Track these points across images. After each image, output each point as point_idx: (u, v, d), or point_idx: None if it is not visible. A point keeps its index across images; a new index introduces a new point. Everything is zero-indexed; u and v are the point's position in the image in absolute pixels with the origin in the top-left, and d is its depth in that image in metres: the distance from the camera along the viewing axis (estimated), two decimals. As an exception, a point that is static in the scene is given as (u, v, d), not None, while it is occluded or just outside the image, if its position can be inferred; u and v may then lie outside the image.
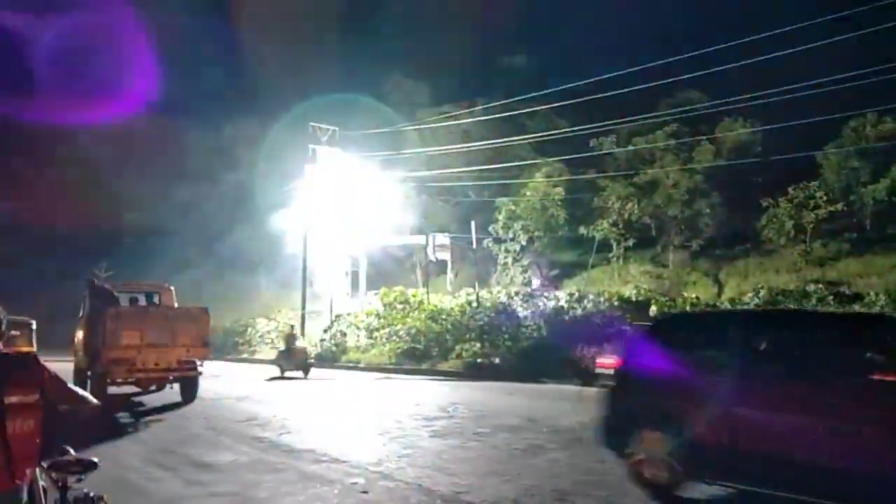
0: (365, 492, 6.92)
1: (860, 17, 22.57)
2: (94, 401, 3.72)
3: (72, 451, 3.45)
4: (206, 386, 14.12)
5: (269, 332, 34.23)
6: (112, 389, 13.45)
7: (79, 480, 3.35)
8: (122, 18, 53.01)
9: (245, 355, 33.44)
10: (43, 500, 3.42)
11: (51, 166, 53.18)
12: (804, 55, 23.70)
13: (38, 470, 3.35)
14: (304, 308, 32.50)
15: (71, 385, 3.62)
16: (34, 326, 15.37)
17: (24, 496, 3.21)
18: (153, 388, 14.42)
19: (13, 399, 3.13)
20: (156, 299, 16.12)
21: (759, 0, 39.81)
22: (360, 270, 34.90)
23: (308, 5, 51.50)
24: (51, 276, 49.63)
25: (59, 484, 3.32)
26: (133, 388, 14.18)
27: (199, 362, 13.85)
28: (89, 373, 13.91)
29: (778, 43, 24.84)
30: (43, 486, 3.43)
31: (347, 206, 33.33)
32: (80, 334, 15.22)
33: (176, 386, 14.26)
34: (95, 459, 3.40)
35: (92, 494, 3.46)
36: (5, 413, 3.09)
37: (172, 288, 16.46)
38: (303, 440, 9.77)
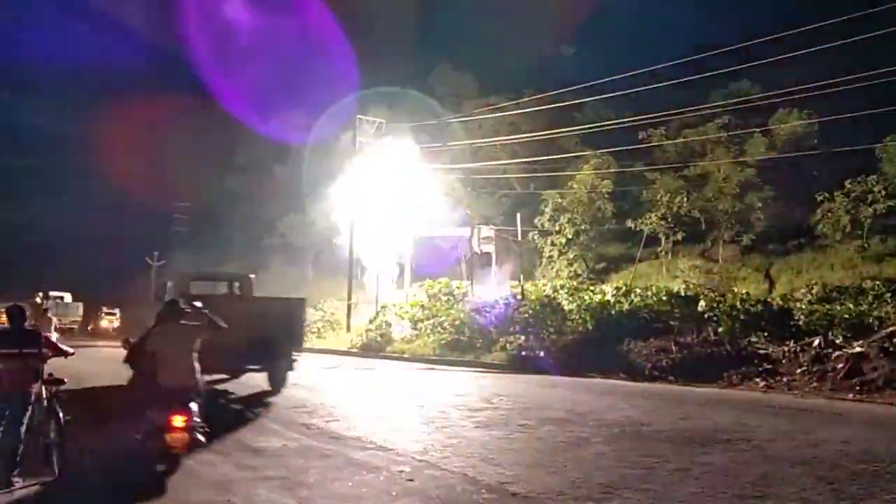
0: (411, 480, 7.00)
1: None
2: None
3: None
4: (255, 373, 14.39)
5: (315, 321, 34.69)
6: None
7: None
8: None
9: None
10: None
11: (102, 155, 54.75)
12: (864, 44, 22.94)
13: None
14: (349, 298, 32.91)
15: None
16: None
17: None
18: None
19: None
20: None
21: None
22: (405, 262, 35.10)
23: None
24: (110, 263, 51.29)
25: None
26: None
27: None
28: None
29: (836, 31, 24.10)
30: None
31: (393, 198, 33.54)
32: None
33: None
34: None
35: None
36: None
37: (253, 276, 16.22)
38: (350, 428, 9.91)
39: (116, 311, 48.60)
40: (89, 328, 48.12)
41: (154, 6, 57.39)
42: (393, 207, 33.61)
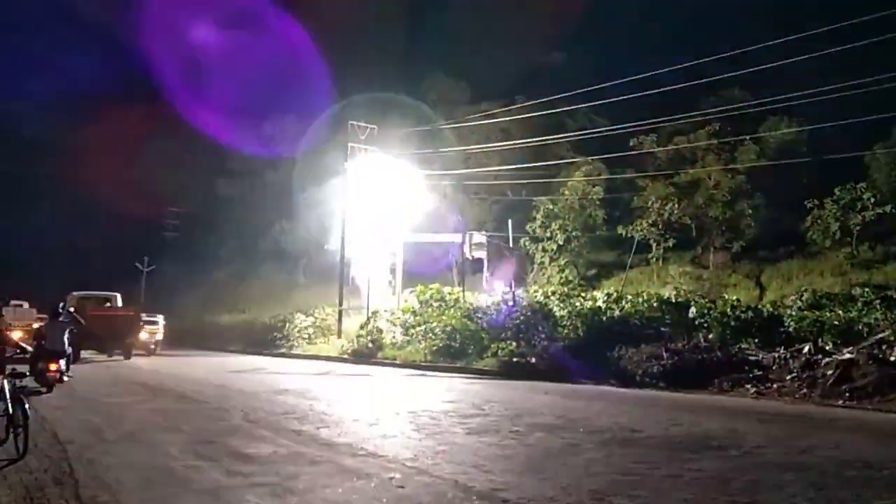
0: (402, 486, 6.96)
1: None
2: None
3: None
4: (246, 379, 14.34)
5: (306, 327, 34.61)
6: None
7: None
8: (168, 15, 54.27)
9: (283, 350, 33.86)
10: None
11: (93, 159, 54.44)
12: (852, 52, 23.12)
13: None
14: (340, 304, 32.84)
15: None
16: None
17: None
18: None
19: None
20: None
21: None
22: (396, 268, 35.06)
23: (347, 5, 51.88)
24: (97, 268, 50.89)
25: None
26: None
27: None
28: None
29: (825, 40, 24.30)
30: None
31: (385, 204, 33.52)
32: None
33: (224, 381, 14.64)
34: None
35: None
36: None
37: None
38: (340, 434, 9.86)
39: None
40: None
41: (140, 17, 57.12)
42: (385, 213, 33.59)
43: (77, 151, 55.51)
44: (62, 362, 14.43)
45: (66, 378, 14.63)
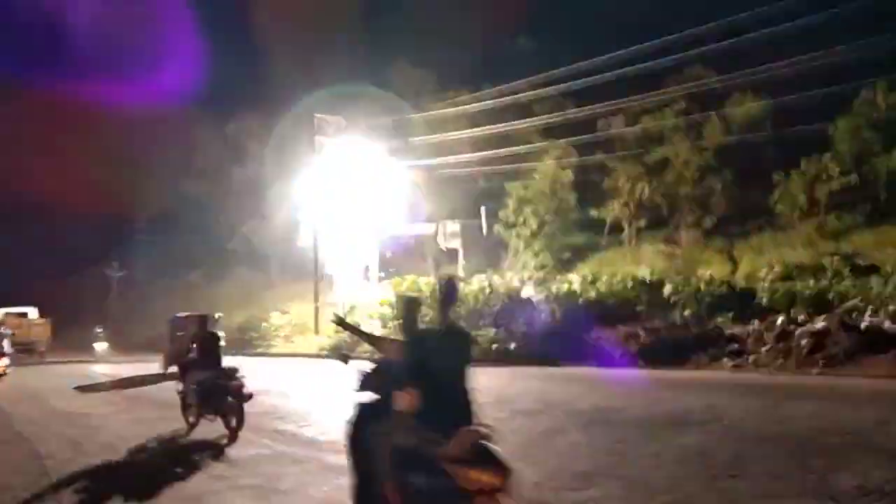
0: (387, 480, 6.92)
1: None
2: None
3: None
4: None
5: (282, 325, 34.33)
6: None
7: None
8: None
9: (260, 350, 33.58)
10: None
11: (55, 155, 52.84)
12: (813, 27, 23.47)
13: None
14: (316, 300, 32.60)
15: None
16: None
17: None
18: None
19: None
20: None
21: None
22: (371, 260, 34.92)
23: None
24: (62, 268, 49.85)
25: None
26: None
27: None
28: None
29: (785, 14, 24.60)
30: None
31: (357, 198, 33.31)
32: None
33: None
34: None
35: None
36: None
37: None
38: (323, 432, 9.80)
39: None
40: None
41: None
42: (356, 206, 33.39)
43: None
44: None
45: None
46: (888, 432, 8.13)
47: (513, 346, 20.61)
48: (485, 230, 31.11)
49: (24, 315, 38.22)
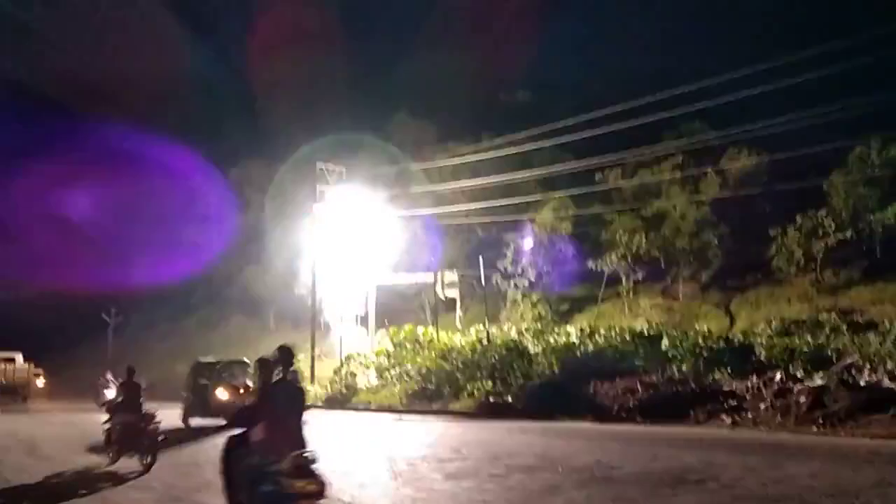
0: (380, 538, 6.82)
1: (863, 46, 22.81)
2: None
3: None
4: (216, 431, 14.00)
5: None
6: None
7: None
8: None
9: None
10: None
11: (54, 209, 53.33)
12: (808, 84, 23.94)
13: None
14: (313, 349, 32.32)
15: None
16: None
17: None
18: None
19: None
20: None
21: (759, 31, 40.43)
22: (369, 310, 34.85)
23: (311, 49, 52.30)
24: (58, 315, 49.74)
25: None
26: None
27: None
28: None
29: (781, 73, 25.11)
30: None
31: (356, 246, 33.42)
32: None
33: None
34: None
35: None
36: None
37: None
38: (316, 485, 9.64)
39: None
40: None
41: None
42: (355, 255, 33.47)
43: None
44: None
45: None
46: (886, 495, 8.04)
47: (510, 398, 20.45)
48: (483, 280, 31.13)
49: (12, 360, 37.91)
